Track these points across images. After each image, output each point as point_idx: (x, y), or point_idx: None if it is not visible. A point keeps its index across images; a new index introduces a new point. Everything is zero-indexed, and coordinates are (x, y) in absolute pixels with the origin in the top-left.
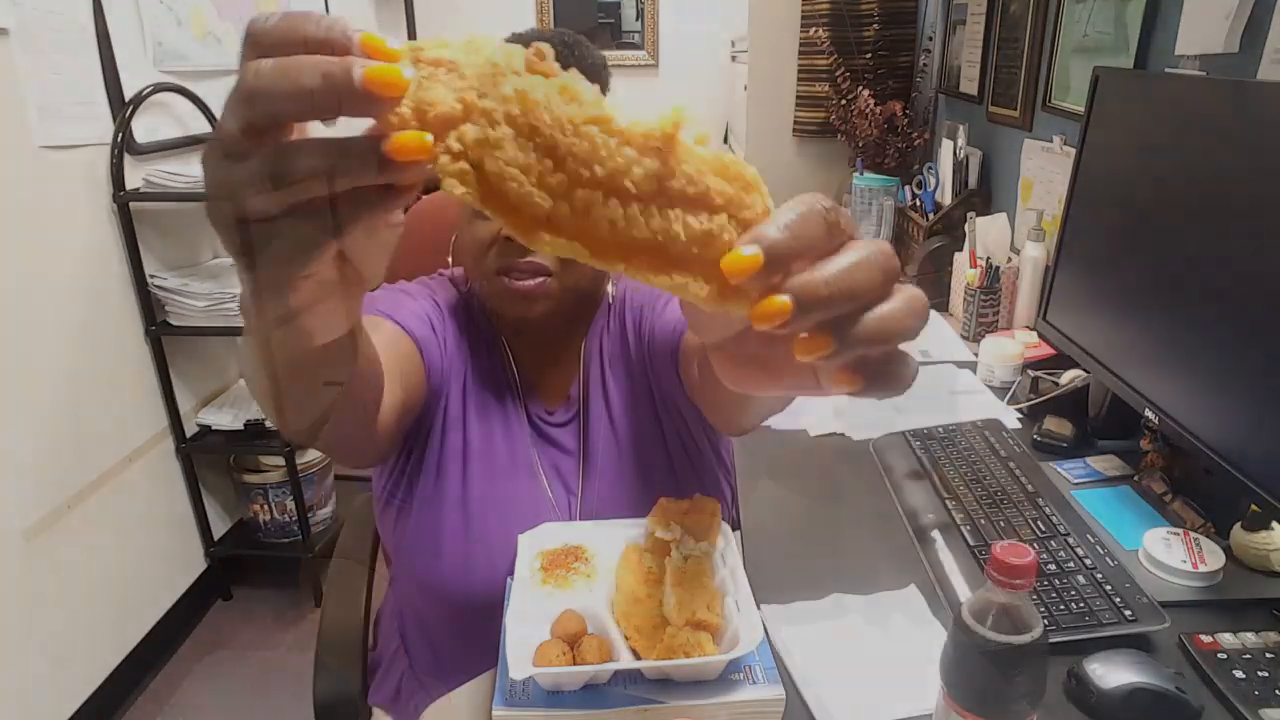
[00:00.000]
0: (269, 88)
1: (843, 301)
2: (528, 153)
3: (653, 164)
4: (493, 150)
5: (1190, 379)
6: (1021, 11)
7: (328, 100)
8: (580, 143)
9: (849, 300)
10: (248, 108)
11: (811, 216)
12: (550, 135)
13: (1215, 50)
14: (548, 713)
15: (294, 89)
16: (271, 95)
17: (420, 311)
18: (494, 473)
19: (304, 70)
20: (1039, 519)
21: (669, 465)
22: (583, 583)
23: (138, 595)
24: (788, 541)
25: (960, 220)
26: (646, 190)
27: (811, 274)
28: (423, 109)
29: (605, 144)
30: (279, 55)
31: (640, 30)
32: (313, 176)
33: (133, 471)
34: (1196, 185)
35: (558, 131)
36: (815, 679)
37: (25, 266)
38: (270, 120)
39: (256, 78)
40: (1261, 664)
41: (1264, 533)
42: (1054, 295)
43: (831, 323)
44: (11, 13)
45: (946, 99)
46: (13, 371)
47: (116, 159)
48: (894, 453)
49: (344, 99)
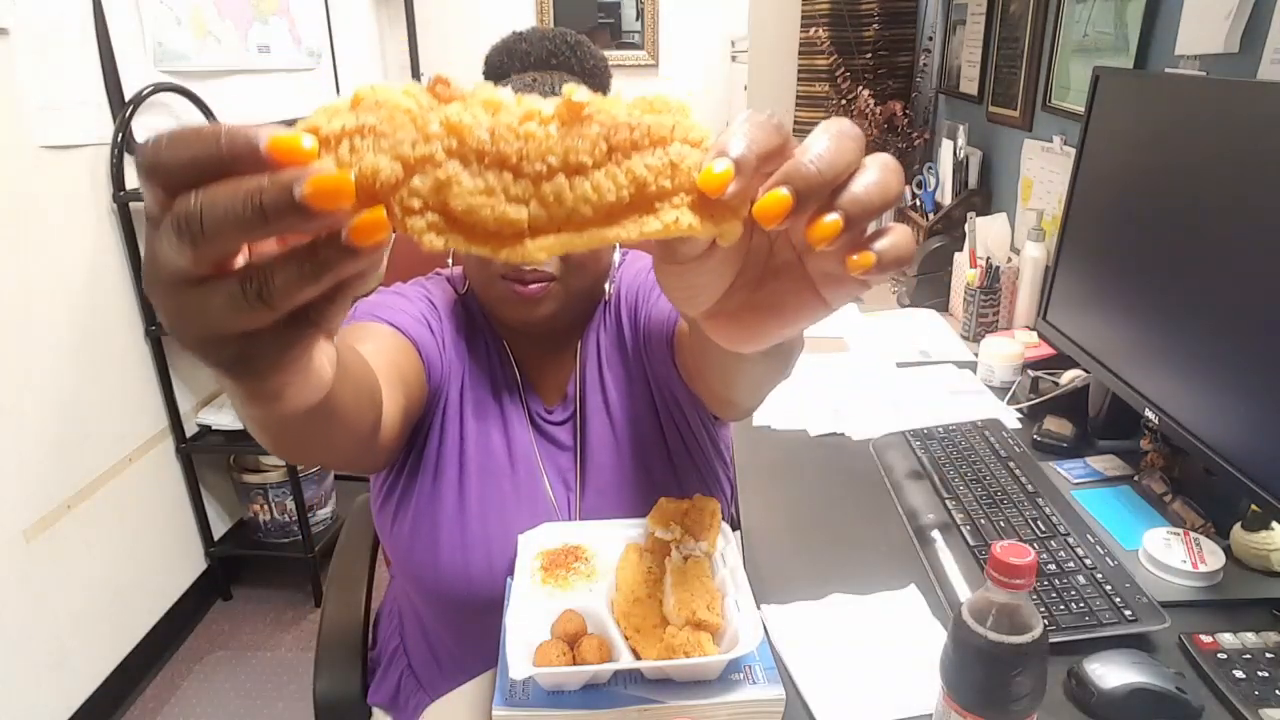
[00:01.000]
0: (206, 230)
1: (832, 174)
2: (483, 175)
3: (594, 129)
4: (451, 189)
5: (1190, 379)
6: (1021, 11)
7: (272, 228)
8: (525, 144)
9: (837, 171)
10: (188, 248)
11: (759, 120)
12: (495, 150)
13: (1215, 50)
14: (548, 713)
15: (233, 226)
16: (209, 237)
17: (417, 313)
18: (492, 471)
19: (236, 204)
20: (1039, 519)
21: (667, 459)
22: (583, 583)
23: (138, 595)
24: (788, 541)
25: (960, 220)
26: (600, 155)
27: (795, 160)
28: (367, 183)
29: (546, 133)
30: (184, 183)
31: (640, 30)
32: (289, 289)
33: (133, 471)
34: (1196, 185)
35: (500, 143)
36: (815, 679)
37: (25, 266)
38: (216, 256)
39: (187, 220)
40: (1261, 664)
41: (1264, 533)
42: (1054, 295)
43: (830, 204)
44: (11, 13)
45: (946, 99)
46: (13, 371)
47: (116, 159)
48: (894, 453)
49: (288, 221)
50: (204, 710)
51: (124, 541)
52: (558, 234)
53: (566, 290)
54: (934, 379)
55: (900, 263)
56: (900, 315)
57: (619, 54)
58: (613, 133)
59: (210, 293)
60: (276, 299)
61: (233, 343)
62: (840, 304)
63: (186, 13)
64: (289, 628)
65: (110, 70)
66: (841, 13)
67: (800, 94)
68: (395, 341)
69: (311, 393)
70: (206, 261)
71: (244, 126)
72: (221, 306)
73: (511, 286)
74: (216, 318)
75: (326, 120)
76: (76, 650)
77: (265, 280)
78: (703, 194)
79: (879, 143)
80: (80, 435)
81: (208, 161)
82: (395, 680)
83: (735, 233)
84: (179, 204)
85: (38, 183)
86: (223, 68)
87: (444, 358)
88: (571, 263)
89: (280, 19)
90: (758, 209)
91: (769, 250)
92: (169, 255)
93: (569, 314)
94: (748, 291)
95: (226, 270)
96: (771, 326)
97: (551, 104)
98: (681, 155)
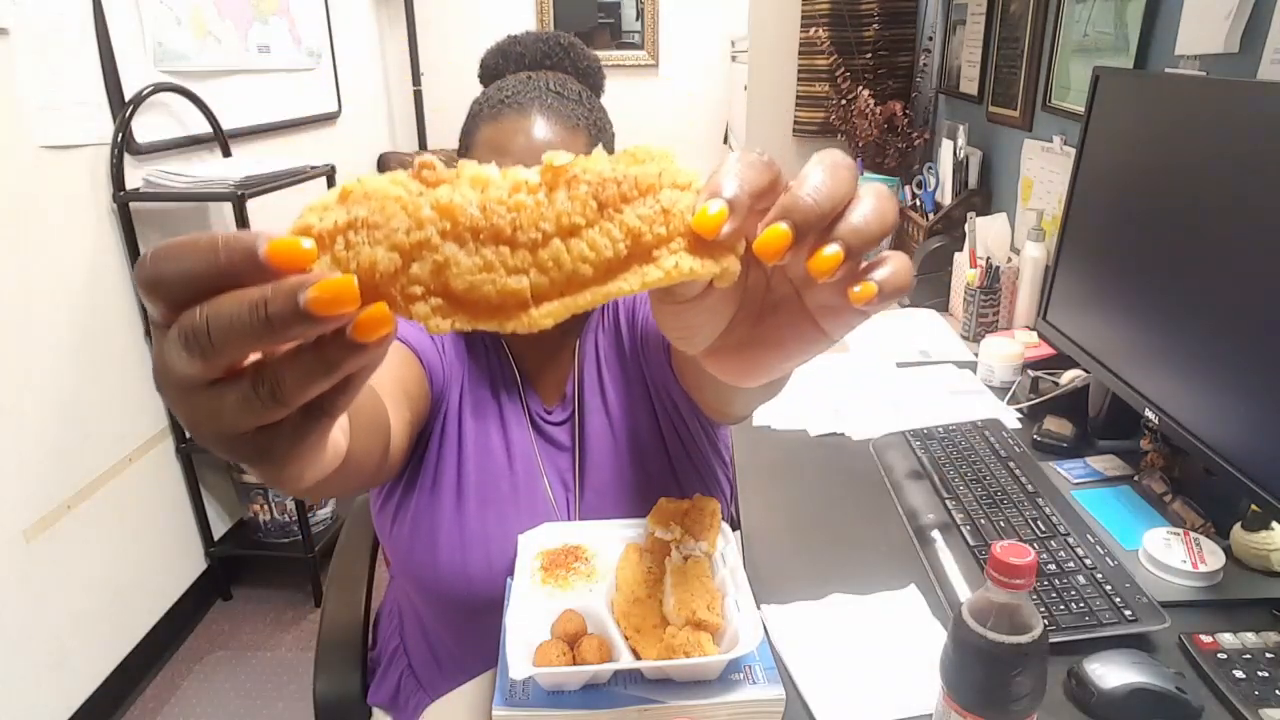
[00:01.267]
0: (214, 343)
1: (829, 205)
2: (480, 253)
3: (582, 189)
4: (450, 270)
5: (1190, 379)
6: (1021, 11)
7: (279, 337)
8: (517, 214)
9: (834, 202)
10: (197, 359)
11: (749, 159)
12: (489, 225)
13: (1215, 50)
14: (548, 713)
15: (240, 338)
16: (218, 349)
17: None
18: (491, 471)
19: (242, 316)
20: (1039, 519)
21: (666, 459)
22: (583, 583)
23: (138, 595)
24: (788, 541)
25: (960, 220)
26: (592, 213)
27: (792, 194)
28: (367, 276)
29: (536, 201)
30: (186, 297)
31: (640, 30)
32: (300, 387)
33: (133, 471)
34: (1196, 185)
35: (493, 218)
36: (815, 679)
37: (25, 266)
38: (225, 365)
39: (194, 334)
40: (1261, 664)
41: (1264, 533)
42: (1054, 295)
43: (829, 236)
44: (11, 13)
45: (946, 99)
46: (13, 371)
47: (116, 159)
48: (894, 453)
49: (296, 330)
50: (204, 710)
51: (124, 541)
52: (561, 298)
53: None
54: (934, 379)
55: (900, 291)
56: (900, 315)
57: (619, 54)
58: (600, 189)
59: (222, 395)
60: (289, 397)
61: (248, 438)
62: (840, 335)
63: (186, 13)
64: (289, 628)
65: (110, 70)
66: (841, 13)
67: (800, 94)
68: (398, 355)
69: (328, 465)
70: (216, 370)
71: (240, 235)
72: (235, 407)
73: None
74: (230, 418)
75: (318, 218)
76: (76, 650)
77: (276, 380)
78: (698, 235)
79: (879, 143)
80: (80, 435)
81: (207, 274)
82: (395, 680)
83: (734, 271)
84: (184, 318)
85: (38, 183)
86: (223, 68)
87: (445, 361)
88: None
89: (280, 19)
90: (758, 245)
91: (766, 286)
92: (178, 363)
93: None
94: (746, 327)
95: (237, 372)
96: (772, 360)
97: (536, 172)
98: (672, 200)
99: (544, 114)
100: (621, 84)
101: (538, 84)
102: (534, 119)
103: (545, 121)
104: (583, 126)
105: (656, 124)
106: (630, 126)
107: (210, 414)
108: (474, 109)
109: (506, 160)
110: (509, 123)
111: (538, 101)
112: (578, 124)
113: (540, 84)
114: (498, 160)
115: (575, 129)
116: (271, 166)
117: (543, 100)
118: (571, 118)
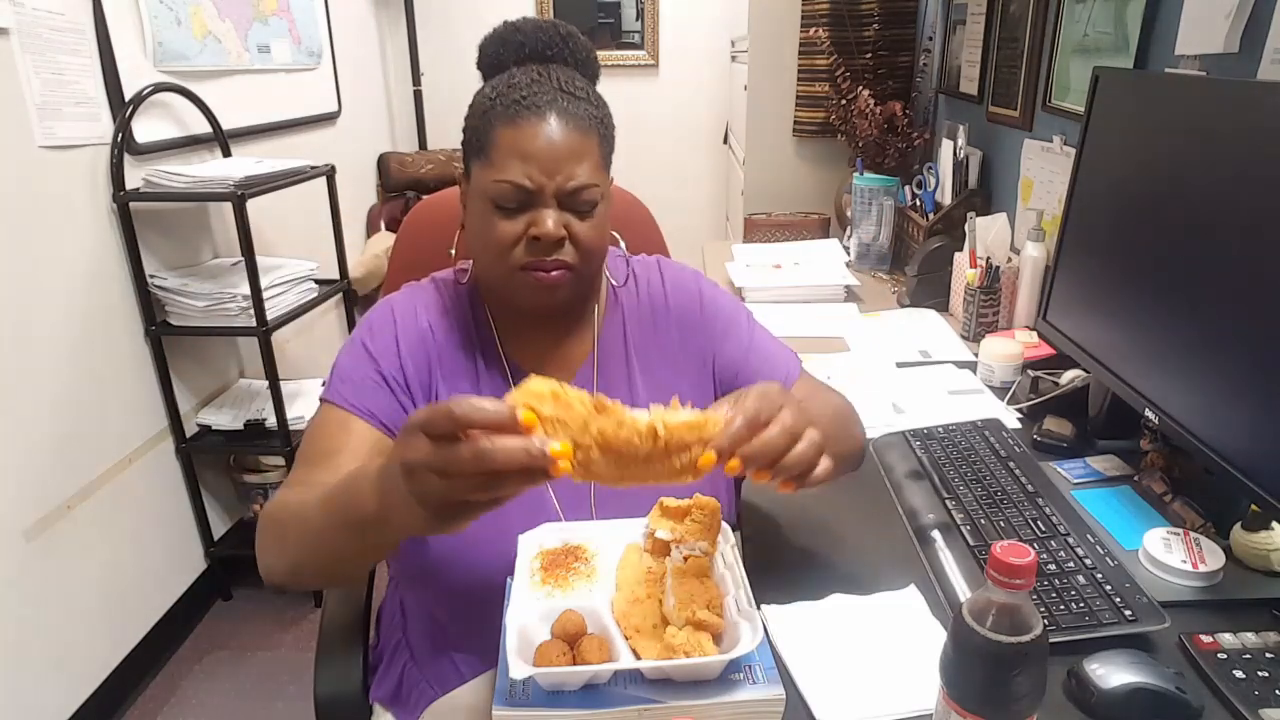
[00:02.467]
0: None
1: (766, 457)
2: (604, 457)
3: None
4: (590, 461)
5: (1190, 379)
6: (1021, 11)
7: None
8: (627, 447)
9: (771, 456)
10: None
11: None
12: (615, 450)
13: (1215, 50)
14: (548, 713)
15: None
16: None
17: (385, 367)
18: None
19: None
20: (1039, 519)
21: None
22: (583, 583)
23: (138, 595)
24: (788, 541)
25: (960, 220)
26: (658, 452)
27: (750, 446)
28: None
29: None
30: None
31: (640, 30)
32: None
33: (133, 471)
34: (1196, 185)
35: (619, 445)
36: (815, 679)
37: (25, 266)
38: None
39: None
40: (1261, 664)
41: (1264, 533)
42: (1054, 295)
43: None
44: (11, 13)
45: (946, 99)
46: (13, 371)
47: (116, 159)
48: (894, 453)
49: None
50: (204, 710)
51: (124, 541)
52: (613, 480)
53: (579, 276)
54: (934, 379)
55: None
56: (900, 315)
57: (619, 54)
58: (672, 437)
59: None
60: (502, 496)
61: (454, 508)
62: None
63: (186, 13)
64: (289, 628)
65: (110, 70)
66: (841, 13)
67: (800, 94)
68: (371, 443)
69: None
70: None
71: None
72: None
73: (533, 275)
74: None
75: (538, 403)
76: (76, 650)
77: (500, 487)
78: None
79: (879, 143)
80: (80, 435)
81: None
82: (398, 673)
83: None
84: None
85: (38, 183)
86: (223, 68)
87: (418, 396)
88: (583, 249)
89: (280, 19)
90: (726, 468)
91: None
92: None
93: (578, 297)
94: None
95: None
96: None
97: (647, 428)
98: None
99: (560, 117)
100: (621, 84)
101: (549, 83)
102: (552, 122)
103: (562, 125)
104: (594, 127)
105: (656, 124)
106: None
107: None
108: (485, 104)
109: (529, 163)
110: (529, 126)
111: (554, 105)
112: (590, 126)
113: (553, 84)
114: (520, 165)
115: (589, 131)
116: (271, 166)
117: (558, 103)
118: (585, 119)
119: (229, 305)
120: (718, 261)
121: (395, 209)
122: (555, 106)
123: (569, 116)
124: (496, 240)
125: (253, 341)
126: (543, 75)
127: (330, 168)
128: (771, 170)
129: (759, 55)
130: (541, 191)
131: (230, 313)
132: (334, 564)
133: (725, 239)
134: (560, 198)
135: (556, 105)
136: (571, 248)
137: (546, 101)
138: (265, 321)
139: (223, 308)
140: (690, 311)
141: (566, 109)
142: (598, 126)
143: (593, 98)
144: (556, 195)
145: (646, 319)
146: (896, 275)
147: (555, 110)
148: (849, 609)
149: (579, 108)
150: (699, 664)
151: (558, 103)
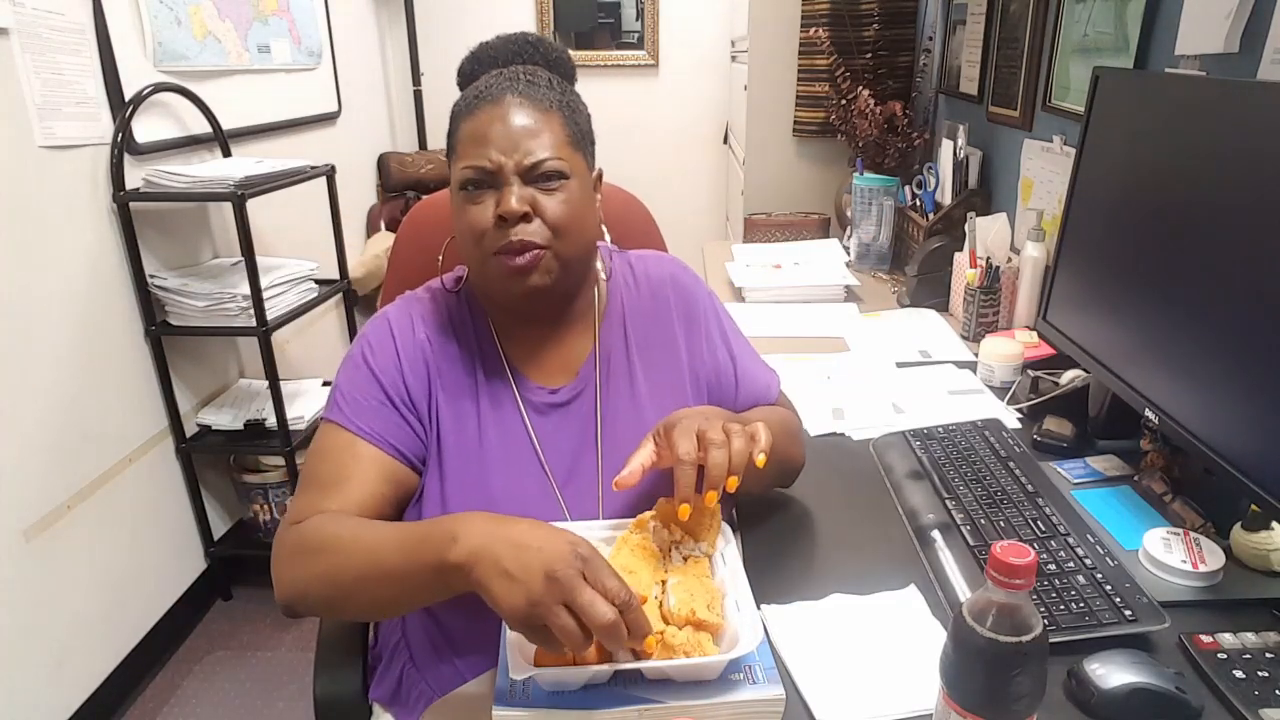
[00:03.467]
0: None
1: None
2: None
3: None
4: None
5: (1190, 379)
6: (1021, 11)
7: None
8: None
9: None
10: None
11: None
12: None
13: (1215, 50)
14: (548, 713)
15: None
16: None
17: (388, 386)
18: (486, 465)
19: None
20: (1039, 519)
21: None
22: None
23: (137, 595)
24: (788, 541)
25: (960, 220)
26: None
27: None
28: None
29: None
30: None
31: (640, 30)
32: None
33: (133, 471)
34: (1196, 185)
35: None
36: (815, 679)
37: (25, 266)
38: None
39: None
40: (1261, 664)
41: (1264, 533)
42: (1054, 295)
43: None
44: (11, 13)
45: (946, 99)
46: (13, 371)
47: (116, 159)
48: (894, 453)
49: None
50: (204, 710)
51: (124, 541)
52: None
53: (558, 258)
54: (934, 379)
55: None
56: (900, 315)
57: (619, 54)
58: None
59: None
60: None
61: (542, 628)
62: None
63: (186, 13)
64: (289, 628)
65: (110, 70)
66: (841, 13)
67: (800, 94)
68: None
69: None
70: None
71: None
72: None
73: (504, 260)
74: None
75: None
76: (76, 650)
77: (608, 637)
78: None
79: (879, 143)
80: (80, 435)
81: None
82: (397, 673)
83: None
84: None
85: (38, 183)
86: (223, 68)
87: (426, 424)
88: (559, 229)
89: (280, 19)
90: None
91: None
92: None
93: (563, 284)
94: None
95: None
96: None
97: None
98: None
99: (516, 98)
100: (621, 84)
101: (507, 75)
102: (508, 107)
103: (518, 105)
104: (555, 108)
105: (656, 124)
106: (630, 126)
107: (547, 612)
108: (454, 111)
109: (488, 145)
110: (485, 114)
111: (510, 89)
112: (550, 106)
113: (510, 75)
114: (479, 149)
115: (549, 111)
116: (271, 166)
117: (515, 88)
118: (544, 101)
119: (229, 305)
120: (718, 261)
121: (395, 209)
122: (512, 90)
123: (525, 98)
124: (469, 227)
125: (253, 341)
126: (503, 72)
127: (330, 168)
128: (771, 170)
129: (759, 55)
130: (501, 170)
131: (230, 313)
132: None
133: (725, 239)
134: (522, 174)
135: (513, 89)
136: (541, 225)
137: (503, 89)
138: (265, 321)
139: (223, 308)
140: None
141: (523, 92)
142: (560, 108)
143: (555, 85)
144: (519, 172)
145: (648, 315)
146: (896, 275)
147: (511, 93)
148: (849, 609)
149: (536, 91)
150: (699, 664)
151: (514, 87)
